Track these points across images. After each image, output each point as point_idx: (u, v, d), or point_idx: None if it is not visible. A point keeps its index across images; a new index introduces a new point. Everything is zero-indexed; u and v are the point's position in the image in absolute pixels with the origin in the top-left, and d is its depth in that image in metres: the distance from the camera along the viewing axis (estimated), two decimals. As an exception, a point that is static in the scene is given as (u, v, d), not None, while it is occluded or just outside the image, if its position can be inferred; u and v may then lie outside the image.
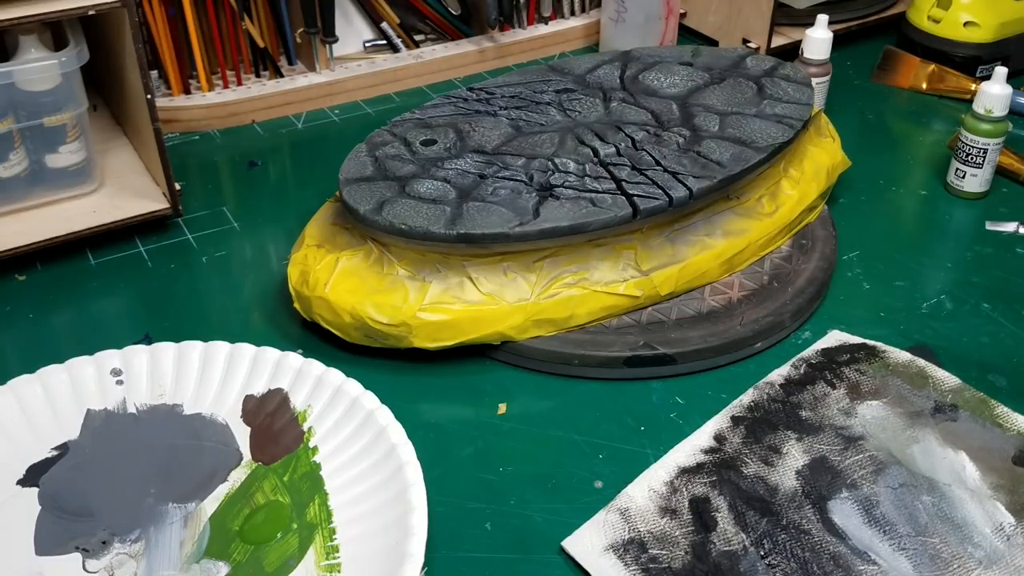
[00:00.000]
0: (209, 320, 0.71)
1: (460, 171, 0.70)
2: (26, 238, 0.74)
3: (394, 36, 1.06)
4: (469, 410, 0.63)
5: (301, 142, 0.95)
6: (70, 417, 0.60)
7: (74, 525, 0.54)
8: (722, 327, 0.66)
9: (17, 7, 0.67)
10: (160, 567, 0.52)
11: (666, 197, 0.66)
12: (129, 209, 0.78)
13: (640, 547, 0.52)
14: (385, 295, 0.64)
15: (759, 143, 0.72)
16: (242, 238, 0.80)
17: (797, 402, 0.62)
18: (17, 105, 0.73)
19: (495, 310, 0.64)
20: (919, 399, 0.62)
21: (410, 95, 1.04)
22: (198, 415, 0.61)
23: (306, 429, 0.59)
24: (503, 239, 0.63)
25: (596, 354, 0.64)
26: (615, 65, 0.84)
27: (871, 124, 0.98)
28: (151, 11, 0.91)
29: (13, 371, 0.61)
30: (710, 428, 0.60)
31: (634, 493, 0.55)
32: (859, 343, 0.67)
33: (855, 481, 0.56)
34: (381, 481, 0.55)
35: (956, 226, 0.82)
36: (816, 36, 0.92)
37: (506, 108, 0.78)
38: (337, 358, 0.65)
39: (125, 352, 0.63)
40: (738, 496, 0.55)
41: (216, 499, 0.55)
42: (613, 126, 0.75)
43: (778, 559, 0.52)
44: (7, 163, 0.75)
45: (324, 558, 0.52)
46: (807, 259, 0.73)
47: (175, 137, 0.95)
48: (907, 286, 0.74)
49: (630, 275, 0.67)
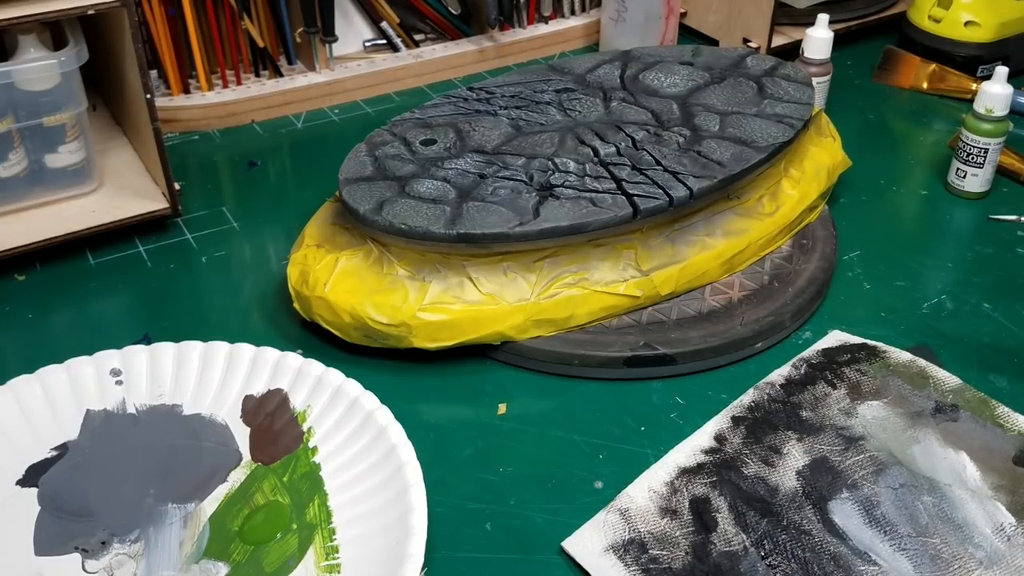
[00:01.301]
0: (208, 320, 0.71)
1: (460, 171, 0.70)
2: (25, 238, 0.74)
3: (394, 36, 1.06)
4: (469, 410, 0.63)
5: (301, 142, 0.95)
6: (69, 417, 0.60)
7: (73, 525, 0.54)
8: (722, 327, 0.66)
9: (17, 7, 0.67)
10: (159, 567, 0.52)
11: (666, 197, 0.66)
12: (128, 209, 0.78)
13: (640, 547, 0.52)
14: (385, 295, 0.64)
15: (759, 143, 0.72)
16: (242, 238, 0.80)
17: (798, 402, 0.62)
18: (16, 105, 0.73)
19: (495, 310, 0.64)
20: (920, 399, 0.62)
21: (410, 95, 1.03)
22: (197, 415, 0.60)
23: (306, 429, 0.59)
24: (503, 239, 0.63)
25: (596, 354, 0.64)
26: (615, 65, 0.84)
27: (872, 124, 0.98)
28: (150, 11, 0.91)
29: (12, 371, 0.61)
30: (710, 428, 0.60)
31: (634, 493, 0.55)
32: (859, 343, 0.67)
33: (856, 481, 0.56)
34: (381, 481, 0.55)
35: (957, 226, 0.82)
36: (817, 36, 0.92)
37: (506, 108, 0.78)
38: (337, 358, 0.65)
39: (124, 352, 0.63)
40: (738, 496, 0.55)
41: (216, 499, 0.55)
42: (613, 126, 0.75)
43: (779, 560, 0.52)
44: (6, 163, 0.75)
45: (324, 558, 0.52)
46: (808, 259, 0.73)
47: (174, 137, 0.95)
48: (908, 286, 0.74)
49: (630, 275, 0.67)
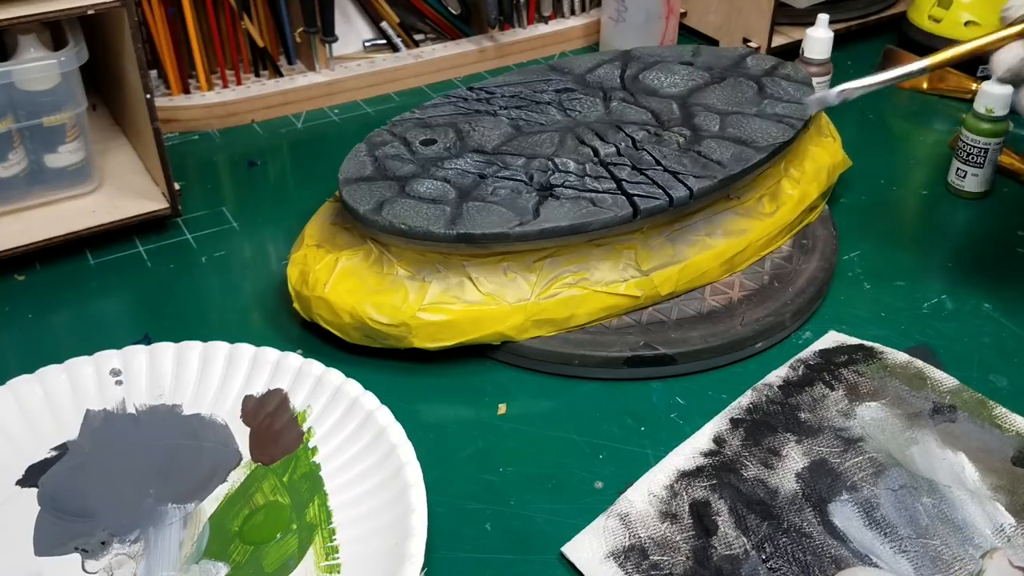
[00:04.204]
0: (208, 320, 0.71)
1: (460, 171, 0.70)
2: (25, 238, 0.74)
3: (394, 36, 1.06)
4: (469, 410, 0.63)
5: (301, 142, 0.95)
6: (69, 417, 0.60)
7: (73, 525, 0.54)
8: (722, 327, 0.66)
9: (17, 7, 0.67)
10: (159, 568, 0.52)
11: (666, 197, 0.66)
12: (128, 209, 0.78)
13: (641, 554, 0.52)
14: (385, 295, 0.64)
15: (760, 143, 0.72)
16: (241, 238, 0.80)
17: (796, 404, 0.62)
18: (16, 105, 0.73)
19: (495, 310, 0.64)
20: (918, 400, 0.62)
21: (410, 95, 1.03)
22: (197, 415, 0.60)
23: (306, 429, 0.59)
24: (503, 239, 0.63)
25: (596, 354, 0.64)
26: (615, 65, 0.84)
27: (872, 124, 0.98)
28: (150, 11, 0.91)
29: (12, 371, 0.61)
30: (709, 431, 0.60)
31: (634, 498, 0.55)
32: (856, 344, 0.67)
33: (855, 483, 0.56)
34: (381, 481, 0.55)
35: (957, 226, 0.82)
36: (817, 35, 0.92)
37: (506, 108, 0.78)
38: (337, 358, 0.65)
39: (124, 352, 0.63)
40: (738, 499, 0.55)
41: (215, 500, 0.55)
42: (613, 126, 0.75)
43: (780, 563, 0.52)
44: (6, 163, 0.75)
45: (324, 559, 0.52)
46: (808, 259, 0.73)
47: (174, 137, 0.95)
48: (908, 286, 0.74)
49: (630, 275, 0.67)
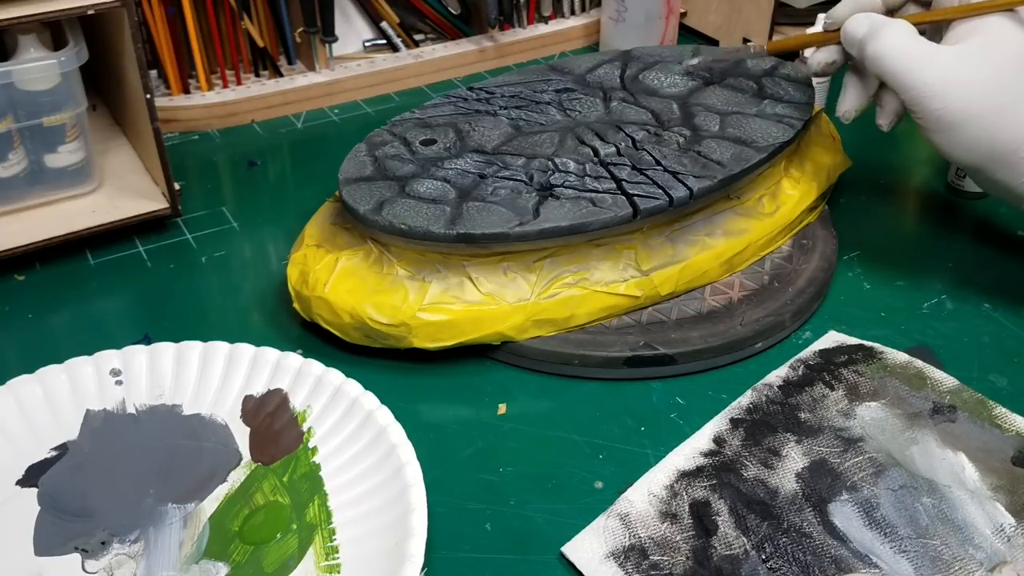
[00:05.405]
0: (208, 320, 0.71)
1: (460, 171, 0.70)
2: (25, 238, 0.74)
3: (394, 36, 1.06)
4: (469, 410, 0.63)
5: (301, 142, 0.95)
6: (69, 417, 0.60)
7: (73, 526, 0.54)
8: (722, 327, 0.66)
9: (16, 7, 0.67)
10: (159, 568, 0.52)
11: (666, 197, 0.66)
12: (128, 209, 0.78)
13: (641, 554, 0.52)
14: (385, 295, 0.64)
15: (760, 143, 0.72)
16: (241, 238, 0.80)
17: (796, 404, 0.62)
18: (16, 105, 0.73)
19: (495, 310, 0.64)
20: (917, 400, 0.62)
21: (410, 95, 1.03)
22: (197, 415, 0.60)
23: (306, 429, 0.59)
24: (503, 239, 0.63)
25: (596, 354, 0.64)
26: (615, 64, 0.84)
27: (872, 124, 0.98)
28: (150, 10, 0.91)
29: (12, 371, 0.61)
30: (709, 431, 0.60)
31: (634, 498, 0.55)
32: (856, 344, 0.67)
33: (855, 483, 0.56)
34: (381, 482, 0.55)
35: (957, 225, 0.82)
36: (817, 36, 0.91)
37: (506, 108, 0.78)
38: (337, 358, 0.65)
39: (124, 352, 0.63)
40: (738, 499, 0.55)
41: (215, 500, 0.55)
42: (613, 126, 0.75)
43: (780, 563, 0.52)
44: (6, 163, 0.75)
45: (324, 559, 0.52)
46: (808, 259, 0.73)
47: (174, 137, 0.95)
48: (908, 286, 0.74)
49: (630, 275, 0.67)
